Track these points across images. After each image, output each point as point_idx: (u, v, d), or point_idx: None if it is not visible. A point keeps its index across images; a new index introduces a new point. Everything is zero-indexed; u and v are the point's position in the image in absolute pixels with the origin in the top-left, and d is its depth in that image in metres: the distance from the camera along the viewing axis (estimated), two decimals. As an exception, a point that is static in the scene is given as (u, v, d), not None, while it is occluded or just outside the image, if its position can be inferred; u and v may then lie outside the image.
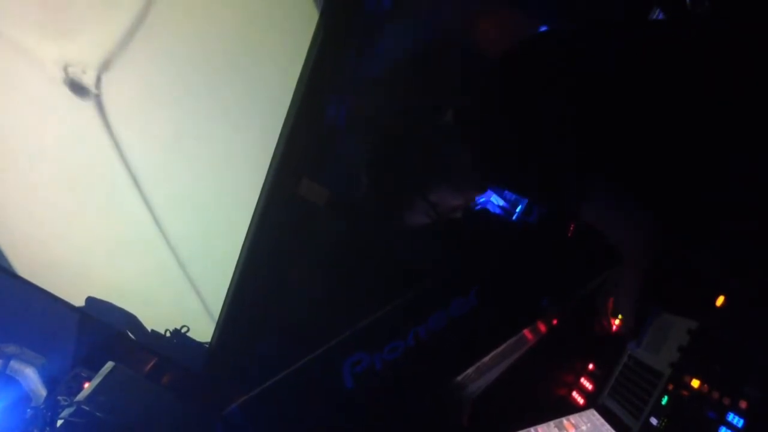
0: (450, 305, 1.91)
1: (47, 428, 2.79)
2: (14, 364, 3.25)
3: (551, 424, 2.11)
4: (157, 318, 3.39)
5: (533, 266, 2.02)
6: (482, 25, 2.73)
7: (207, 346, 3.33)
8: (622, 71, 2.00)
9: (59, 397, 2.99)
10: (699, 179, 1.91)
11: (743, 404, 1.42)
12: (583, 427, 2.03)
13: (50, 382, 3.23)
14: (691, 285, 1.89)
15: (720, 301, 1.78)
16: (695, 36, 2.07)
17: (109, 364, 2.99)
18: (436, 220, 2.25)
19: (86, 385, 3.04)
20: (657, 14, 2.57)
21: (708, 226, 1.86)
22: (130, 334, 3.38)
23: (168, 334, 3.36)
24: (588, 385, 2.19)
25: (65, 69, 2.87)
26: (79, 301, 3.40)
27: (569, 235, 2.12)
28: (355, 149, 2.93)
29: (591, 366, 2.23)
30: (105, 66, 2.88)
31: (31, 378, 3.24)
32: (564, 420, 2.11)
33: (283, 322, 3.05)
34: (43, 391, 3.22)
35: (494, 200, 3.04)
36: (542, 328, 2.11)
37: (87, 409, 2.77)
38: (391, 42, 2.76)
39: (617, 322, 2.04)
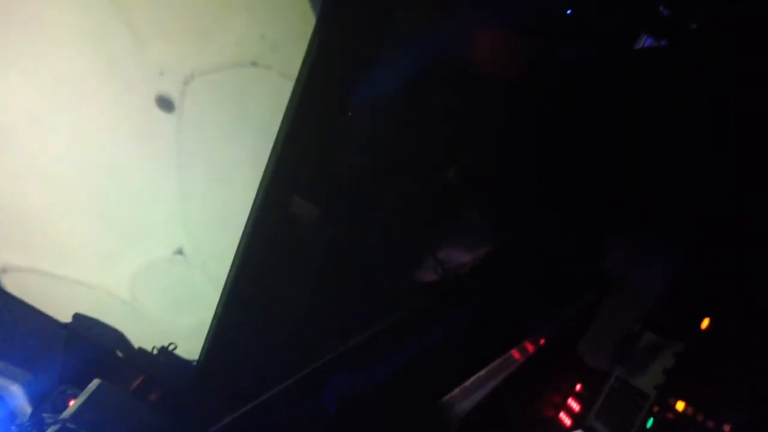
0: (435, 326, 1.91)
1: (32, 446, 2.77)
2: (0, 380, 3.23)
3: (538, 445, 2.10)
4: (144, 335, 3.37)
5: (519, 287, 2.03)
6: (487, 55, 2.76)
7: (195, 363, 3.30)
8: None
9: (44, 415, 2.96)
10: (685, 204, 1.93)
11: (727, 428, 1.42)
12: (570, 449, 2.03)
13: (36, 399, 3.20)
14: (677, 307, 1.89)
15: (705, 323, 1.78)
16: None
17: (95, 382, 2.97)
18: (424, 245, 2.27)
19: (72, 402, 3.01)
20: (644, 41, 2.59)
21: (693, 250, 1.87)
22: (117, 351, 3.36)
23: (155, 352, 3.34)
24: (575, 406, 2.19)
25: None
26: (66, 318, 3.38)
27: (555, 257, 2.13)
28: (349, 166, 2.94)
29: (578, 386, 2.22)
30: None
31: (16, 395, 3.21)
32: (551, 441, 2.10)
33: (271, 341, 3.04)
34: (28, 409, 3.18)
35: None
36: (529, 347, 2.11)
37: (72, 427, 2.75)
38: (382, 64, 2.78)
39: None
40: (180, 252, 3.19)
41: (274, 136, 2.81)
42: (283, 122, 2.77)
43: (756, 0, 2.12)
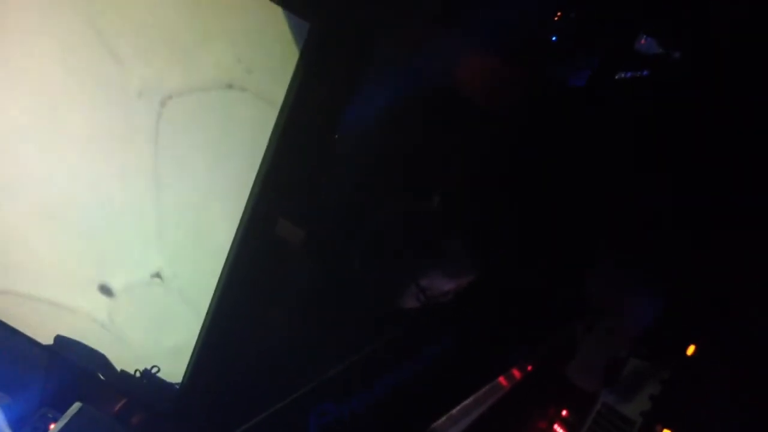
0: (420, 354, 1.89)
1: (11, 470, 2.73)
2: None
3: (524, 471, 2.09)
4: (126, 357, 3.33)
5: (506, 314, 2.03)
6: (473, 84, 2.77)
7: (178, 386, 3.26)
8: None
9: (24, 439, 2.92)
10: (672, 230, 1.94)
11: (713, 455, 1.42)
12: (556, 475, 2.02)
13: (16, 422, 3.15)
14: (664, 333, 1.90)
15: (691, 350, 1.79)
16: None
17: (76, 405, 2.93)
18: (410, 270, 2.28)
19: (52, 426, 2.98)
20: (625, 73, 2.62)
21: (680, 277, 1.89)
22: (98, 373, 3.31)
23: (138, 375, 3.30)
24: (561, 432, 2.18)
25: None
26: (47, 339, 3.34)
27: (542, 284, 2.14)
28: (334, 190, 2.95)
29: (564, 412, 2.22)
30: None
31: (-5, 418, 3.16)
32: (537, 467, 2.09)
33: (254, 365, 3.02)
34: (7, 432, 3.13)
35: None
36: (516, 374, 2.10)
37: (52, 451, 2.71)
38: (368, 90, 2.79)
39: None
40: (158, 275, 3.17)
41: (250, 158, 2.82)
42: (269, 146, 2.78)
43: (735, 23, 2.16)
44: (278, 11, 2.65)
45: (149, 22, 2.72)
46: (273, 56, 2.70)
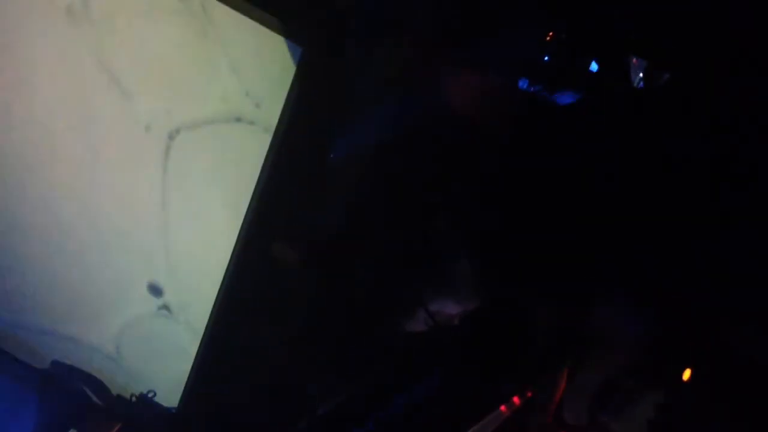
0: (411, 391, 1.88)
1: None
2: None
3: (522, 497, 2.08)
4: (123, 382, 3.32)
5: (496, 350, 2.02)
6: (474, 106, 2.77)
7: (173, 411, 3.25)
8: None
9: (18, 467, 2.90)
10: (664, 255, 1.94)
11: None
12: (554, 501, 2.01)
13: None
14: (659, 358, 1.90)
15: (687, 374, 1.78)
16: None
17: (71, 432, 2.91)
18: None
19: (46, 453, 2.95)
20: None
21: (676, 300, 1.88)
22: (94, 398, 3.29)
23: (134, 399, 3.28)
24: (559, 457, 2.17)
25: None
26: (41, 364, 3.32)
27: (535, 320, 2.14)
28: (331, 209, 2.94)
29: (562, 437, 2.21)
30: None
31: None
32: (534, 493, 2.08)
33: (250, 391, 3.00)
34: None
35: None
36: (516, 401, 2.10)
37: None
38: (365, 110, 2.79)
39: None
40: (165, 307, 3.17)
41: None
42: (263, 167, 2.77)
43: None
44: (286, 44, 2.64)
45: (156, 55, 2.72)
46: (282, 90, 2.69)
